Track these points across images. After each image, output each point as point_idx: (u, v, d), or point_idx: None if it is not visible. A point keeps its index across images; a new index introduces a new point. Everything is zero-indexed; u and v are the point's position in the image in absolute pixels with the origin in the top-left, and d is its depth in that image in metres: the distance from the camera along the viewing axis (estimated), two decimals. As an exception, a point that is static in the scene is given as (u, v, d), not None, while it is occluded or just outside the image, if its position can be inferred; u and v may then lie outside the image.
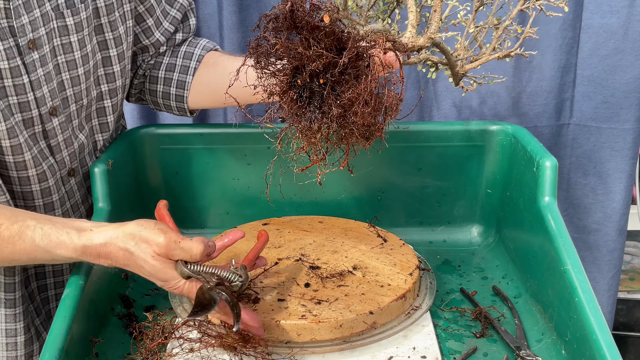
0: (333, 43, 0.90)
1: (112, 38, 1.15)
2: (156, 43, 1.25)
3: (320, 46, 0.89)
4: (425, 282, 1.13)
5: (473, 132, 1.29)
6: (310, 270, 1.10)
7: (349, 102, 0.89)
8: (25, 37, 1.01)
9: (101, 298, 1.06)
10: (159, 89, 1.27)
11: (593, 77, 1.53)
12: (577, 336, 0.91)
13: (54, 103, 1.08)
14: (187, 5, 1.27)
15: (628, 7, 1.47)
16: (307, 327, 0.97)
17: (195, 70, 1.25)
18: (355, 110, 0.89)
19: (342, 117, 0.91)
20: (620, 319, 1.97)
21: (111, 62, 1.17)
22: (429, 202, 1.34)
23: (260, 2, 1.53)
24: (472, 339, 1.03)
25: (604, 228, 1.63)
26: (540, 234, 1.08)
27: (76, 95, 1.12)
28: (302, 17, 0.89)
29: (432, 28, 1.04)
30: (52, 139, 1.09)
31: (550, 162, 1.10)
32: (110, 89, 1.18)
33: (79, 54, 1.10)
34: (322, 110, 0.91)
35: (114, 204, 1.16)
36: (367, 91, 0.89)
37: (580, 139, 1.59)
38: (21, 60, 1.01)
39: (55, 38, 1.06)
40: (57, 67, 1.07)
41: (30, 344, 1.13)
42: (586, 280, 0.95)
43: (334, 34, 0.89)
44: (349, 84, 0.90)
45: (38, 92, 1.04)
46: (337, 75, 0.89)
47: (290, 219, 1.26)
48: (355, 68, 0.90)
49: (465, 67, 1.10)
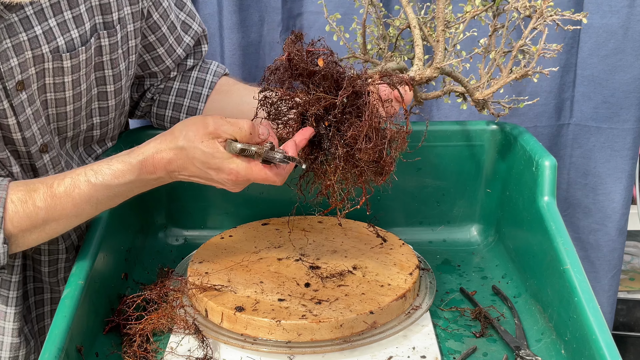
0: (332, 85, 0.93)
1: (112, 75, 1.11)
2: (165, 70, 1.23)
3: (319, 90, 0.91)
4: (425, 282, 1.13)
5: (473, 132, 1.29)
6: (310, 270, 1.10)
7: (352, 139, 0.91)
8: (13, 80, 0.97)
9: (101, 298, 1.06)
10: (167, 114, 1.25)
11: (593, 77, 1.53)
12: (577, 336, 0.91)
13: (45, 140, 1.05)
14: (201, 32, 1.24)
15: (628, 7, 1.47)
16: (307, 327, 0.97)
17: (207, 97, 1.23)
18: (359, 147, 0.91)
19: (349, 155, 0.93)
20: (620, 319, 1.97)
21: (107, 97, 1.13)
22: (429, 201, 1.34)
23: (260, 2, 1.53)
24: (471, 339, 1.03)
25: (604, 228, 1.63)
26: (539, 233, 1.08)
27: (60, 129, 1.09)
28: (298, 65, 0.92)
29: (437, 58, 1.05)
30: (42, 175, 1.07)
31: (549, 162, 1.10)
32: (102, 121, 1.16)
33: (71, 93, 1.06)
34: (330, 151, 0.94)
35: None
36: (367, 127, 0.91)
37: (580, 139, 1.59)
38: (8, 102, 0.98)
39: (48, 77, 1.02)
40: (44, 103, 1.04)
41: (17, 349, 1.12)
42: (586, 280, 0.95)
43: (331, 76, 0.92)
44: (350, 123, 0.91)
45: (27, 133, 1.02)
46: (339, 115, 0.92)
47: (290, 219, 1.26)
48: (355, 106, 0.92)
49: (485, 92, 1.10)
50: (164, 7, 1.16)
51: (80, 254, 1.03)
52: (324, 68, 0.93)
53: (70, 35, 1.02)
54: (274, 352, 0.96)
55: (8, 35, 0.95)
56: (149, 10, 1.14)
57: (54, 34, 1.00)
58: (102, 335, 1.03)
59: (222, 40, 1.54)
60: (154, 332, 1.01)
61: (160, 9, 1.15)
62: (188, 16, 1.22)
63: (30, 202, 0.94)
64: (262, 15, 1.55)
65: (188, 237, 1.34)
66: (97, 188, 0.95)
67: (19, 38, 0.97)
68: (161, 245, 1.33)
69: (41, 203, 0.94)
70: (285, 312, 0.99)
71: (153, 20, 1.15)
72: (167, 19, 1.17)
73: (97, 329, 1.03)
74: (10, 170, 1.03)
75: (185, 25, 1.21)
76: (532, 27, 1.05)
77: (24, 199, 0.94)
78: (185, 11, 1.22)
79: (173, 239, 1.34)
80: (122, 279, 1.16)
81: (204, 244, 1.19)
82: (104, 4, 1.06)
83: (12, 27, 0.96)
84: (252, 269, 1.10)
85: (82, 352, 0.94)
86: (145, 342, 0.99)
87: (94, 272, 1.02)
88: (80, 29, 1.03)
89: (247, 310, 0.99)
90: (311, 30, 1.57)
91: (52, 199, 0.95)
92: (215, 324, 1.01)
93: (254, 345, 0.97)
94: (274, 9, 1.54)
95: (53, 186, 0.95)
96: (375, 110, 0.92)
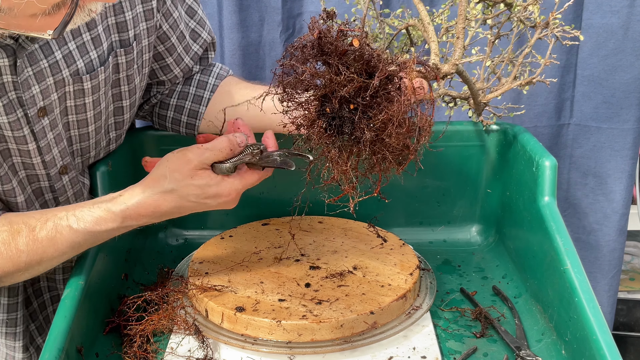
0: (362, 67, 0.89)
1: (127, 90, 1.11)
2: (174, 79, 1.21)
3: (350, 71, 0.88)
4: (426, 282, 1.13)
5: (473, 132, 1.29)
6: (310, 270, 1.10)
7: (382, 124, 0.89)
8: (35, 107, 0.97)
9: (101, 298, 1.06)
10: (169, 115, 1.24)
11: (593, 77, 1.53)
12: (577, 336, 0.91)
13: (65, 162, 1.05)
14: (210, 40, 1.23)
15: (628, 7, 1.47)
16: (308, 327, 0.97)
17: (209, 100, 1.22)
18: (390, 132, 0.89)
19: (375, 141, 0.90)
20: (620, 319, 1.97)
21: (122, 111, 1.13)
22: (429, 202, 1.34)
23: (260, 2, 1.53)
24: (472, 339, 1.03)
25: (604, 228, 1.63)
26: (539, 233, 1.08)
27: (83, 150, 1.09)
28: (330, 44, 0.88)
29: (456, 54, 1.04)
30: (62, 196, 1.07)
31: (549, 162, 1.10)
32: (117, 135, 1.16)
33: (92, 113, 1.06)
34: (353, 136, 0.91)
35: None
36: (400, 112, 0.89)
37: (580, 139, 1.59)
38: (29, 129, 0.97)
39: (69, 100, 1.02)
40: (66, 125, 1.04)
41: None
42: (586, 280, 0.95)
43: (363, 57, 0.88)
44: (380, 107, 0.89)
45: (47, 156, 1.02)
46: (369, 99, 0.89)
47: (290, 219, 1.26)
48: (386, 91, 0.90)
49: (488, 96, 1.10)
50: (174, 17, 1.15)
51: (81, 254, 1.03)
52: (358, 48, 0.88)
53: (89, 56, 1.01)
54: (275, 352, 0.96)
55: (29, 64, 0.94)
56: (160, 22, 1.14)
57: (74, 57, 0.99)
58: (102, 335, 1.03)
59: (222, 40, 1.54)
60: (154, 333, 1.01)
61: (170, 20, 1.14)
62: (198, 24, 1.20)
63: (13, 245, 0.93)
64: (262, 15, 1.55)
65: (188, 237, 1.34)
66: (78, 234, 0.94)
67: (40, 65, 0.96)
68: (161, 246, 1.33)
69: (23, 247, 0.94)
70: (285, 313, 0.99)
71: (163, 30, 1.14)
72: (176, 29, 1.16)
73: (97, 330, 1.03)
74: (14, 200, 1.02)
75: (195, 33, 1.20)
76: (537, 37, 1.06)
77: (7, 240, 0.93)
78: (196, 19, 1.20)
79: (173, 239, 1.34)
80: (122, 280, 1.16)
81: (204, 244, 1.19)
82: (120, 22, 1.05)
83: (33, 55, 0.95)
84: (252, 269, 1.10)
85: (82, 352, 0.94)
86: (145, 343, 0.99)
87: (94, 272, 1.02)
88: (98, 50, 1.02)
89: (248, 311, 0.99)
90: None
91: (34, 243, 0.94)
92: (216, 324, 1.01)
93: (255, 346, 0.97)
94: (274, 9, 1.54)
95: (35, 230, 0.93)
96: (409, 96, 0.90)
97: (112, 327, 1.04)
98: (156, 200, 0.93)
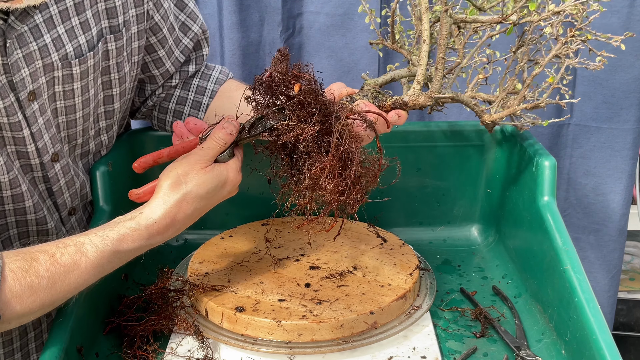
0: (309, 113, 0.90)
1: (117, 78, 1.11)
2: (165, 73, 1.21)
3: (294, 116, 0.90)
4: (425, 282, 1.13)
5: (472, 132, 1.29)
6: (310, 270, 1.10)
7: (315, 174, 0.90)
8: (25, 90, 0.97)
9: (101, 298, 1.06)
10: (168, 119, 1.25)
11: (593, 77, 1.53)
12: (577, 336, 0.91)
13: (56, 149, 1.05)
14: (201, 34, 1.22)
15: (628, 7, 1.47)
16: (308, 327, 0.97)
17: (208, 106, 1.23)
18: (321, 184, 0.90)
19: (314, 187, 0.92)
20: (620, 319, 1.97)
21: (112, 100, 1.13)
22: (429, 202, 1.34)
23: (260, 2, 1.53)
24: (472, 339, 1.03)
25: (604, 228, 1.63)
26: (539, 233, 1.08)
27: (70, 137, 1.09)
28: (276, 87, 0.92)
29: (433, 87, 1.04)
30: (54, 184, 1.07)
31: (549, 162, 1.10)
32: (108, 124, 1.15)
33: (80, 99, 1.06)
34: (296, 177, 0.94)
35: (115, 205, 1.16)
36: (329, 165, 0.89)
37: (580, 139, 1.59)
38: (22, 114, 0.97)
39: (57, 85, 1.02)
40: (54, 111, 1.04)
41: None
42: (586, 280, 0.95)
43: (308, 104, 0.90)
44: (315, 158, 0.90)
45: (40, 143, 1.01)
46: (311, 145, 0.90)
47: (290, 219, 1.26)
48: (327, 141, 0.90)
49: (493, 116, 1.10)
50: (165, 8, 1.15)
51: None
52: (298, 94, 0.90)
53: (78, 41, 1.02)
54: (274, 352, 0.96)
55: (19, 46, 0.95)
56: (152, 12, 1.14)
57: (63, 41, 1.00)
58: (102, 335, 1.03)
59: (222, 40, 1.54)
60: (154, 333, 1.01)
61: (161, 10, 1.15)
62: (188, 17, 1.21)
63: (33, 271, 0.85)
64: (262, 15, 1.55)
65: (188, 237, 1.34)
66: (104, 256, 0.89)
67: (29, 48, 0.96)
68: (161, 246, 1.31)
69: (44, 272, 0.85)
70: (285, 313, 0.99)
71: (155, 21, 1.14)
72: (167, 20, 1.16)
73: (97, 330, 1.03)
74: (19, 191, 1.01)
75: (185, 26, 1.20)
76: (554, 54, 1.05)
77: (25, 267, 0.85)
78: (186, 12, 1.20)
79: (173, 239, 1.34)
80: (122, 280, 1.16)
81: (204, 244, 1.19)
82: (109, 7, 1.06)
83: (22, 37, 0.95)
84: (252, 269, 1.10)
85: (82, 352, 0.94)
86: (145, 343, 0.99)
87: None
88: (87, 35, 1.03)
89: (248, 311, 0.99)
90: (311, 30, 1.57)
91: (54, 267, 0.86)
92: (216, 324, 1.01)
93: (254, 346, 0.97)
94: (274, 9, 1.54)
95: (56, 255, 0.87)
96: (344, 146, 0.89)
97: (112, 327, 1.04)
98: (179, 207, 0.94)
